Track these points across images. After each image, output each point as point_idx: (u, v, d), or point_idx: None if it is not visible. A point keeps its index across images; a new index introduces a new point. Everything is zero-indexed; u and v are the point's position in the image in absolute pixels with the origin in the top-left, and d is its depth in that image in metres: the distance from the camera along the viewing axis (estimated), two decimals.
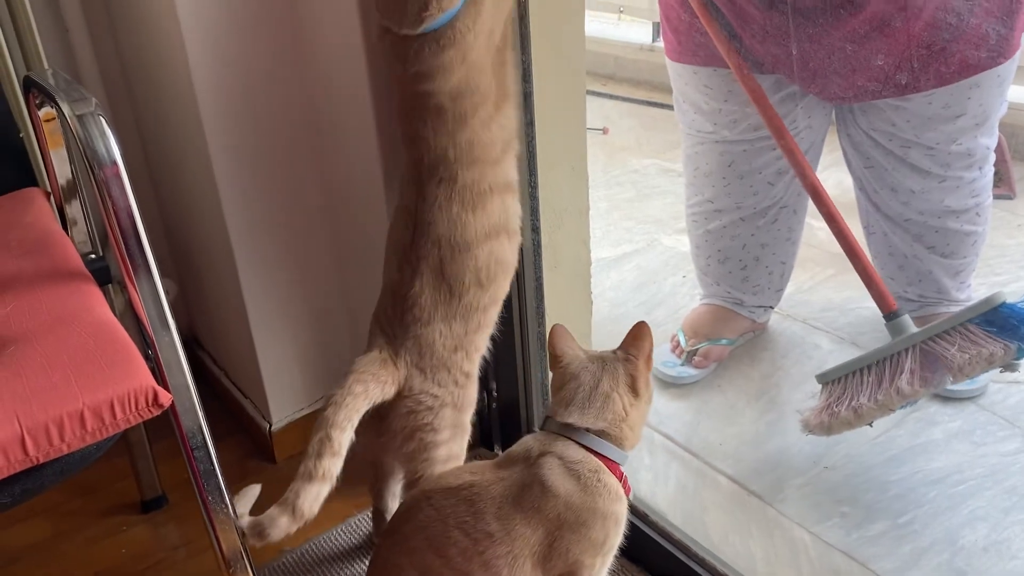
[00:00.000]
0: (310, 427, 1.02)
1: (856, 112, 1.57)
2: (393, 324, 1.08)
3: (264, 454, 1.55)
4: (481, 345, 1.12)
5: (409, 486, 1.13)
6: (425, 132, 1.04)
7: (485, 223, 1.06)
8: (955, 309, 1.65)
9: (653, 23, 3.44)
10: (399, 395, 1.07)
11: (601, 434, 0.99)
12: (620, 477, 0.99)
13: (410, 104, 1.05)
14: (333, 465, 0.98)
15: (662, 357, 1.75)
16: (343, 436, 0.99)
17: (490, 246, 1.06)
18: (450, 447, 1.11)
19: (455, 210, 1.04)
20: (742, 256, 1.71)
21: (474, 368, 1.12)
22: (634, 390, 1.00)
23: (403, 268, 1.07)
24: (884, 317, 1.45)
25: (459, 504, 0.97)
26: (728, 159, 1.65)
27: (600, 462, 0.98)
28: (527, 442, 1.01)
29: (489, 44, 1.03)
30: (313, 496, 0.97)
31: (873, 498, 1.42)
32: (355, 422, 1.01)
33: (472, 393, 1.12)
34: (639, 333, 1.01)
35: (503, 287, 1.10)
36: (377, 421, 1.10)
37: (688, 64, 1.63)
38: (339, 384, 1.03)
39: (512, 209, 1.10)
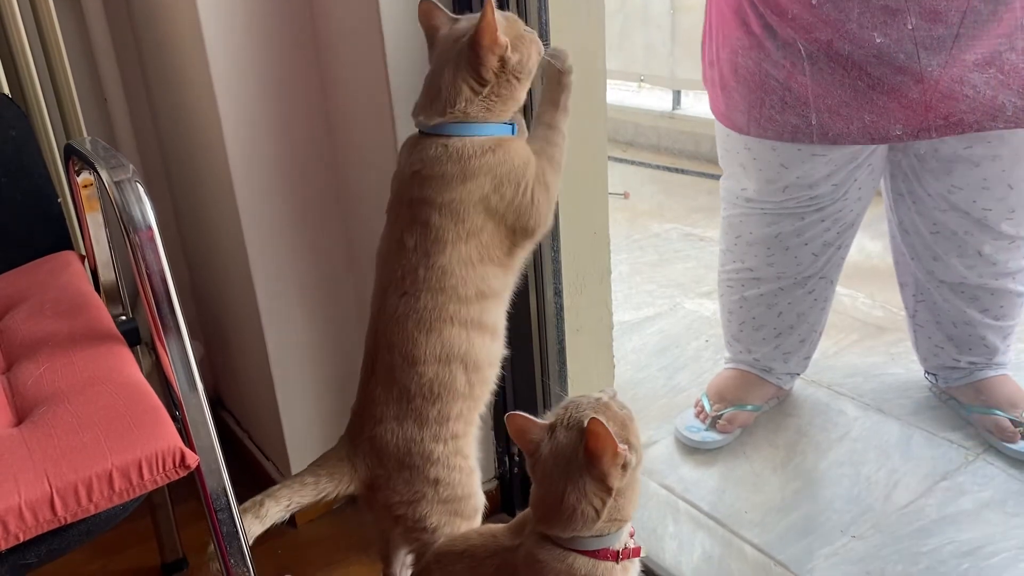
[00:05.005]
0: None
1: (937, 173, 1.49)
2: (355, 422, 1.10)
3: None
4: (445, 455, 1.06)
5: (418, 558, 1.12)
6: (407, 240, 1.03)
7: (437, 347, 1.02)
8: (1003, 372, 1.66)
9: (673, 91, 3.51)
10: (369, 488, 1.08)
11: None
12: (615, 557, 0.94)
13: (399, 206, 1.05)
14: (253, 525, 1.02)
15: (686, 422, 1.74)
16: (275, 507, 1.03)
17: (438, 369, 1.03)
18: (446, 529, 1.08)
19: (409, 326, 1.02)
20: (777, 324, 1.70)
21: (452, 474, 1.07)
22: (607, 488, 0.90)
23: (367, 365, 1.09)
24: None
25: (464, 571, 0.98)
26: (775, 230, 1.61)
27: (587, 558, 0.93)
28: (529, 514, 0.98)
29: (498, 195, 1.01)
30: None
31: (903, 570, 1.38)
32: (294, 505, 1.05)
33: (459, 489, 1.08)
34: (592, 431, 0.88)
35: (453, 409, 1.05)
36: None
37: (758, 137, 1.50)
38: (298, 471, 1.08)
39: (478, 346, 1.04)
